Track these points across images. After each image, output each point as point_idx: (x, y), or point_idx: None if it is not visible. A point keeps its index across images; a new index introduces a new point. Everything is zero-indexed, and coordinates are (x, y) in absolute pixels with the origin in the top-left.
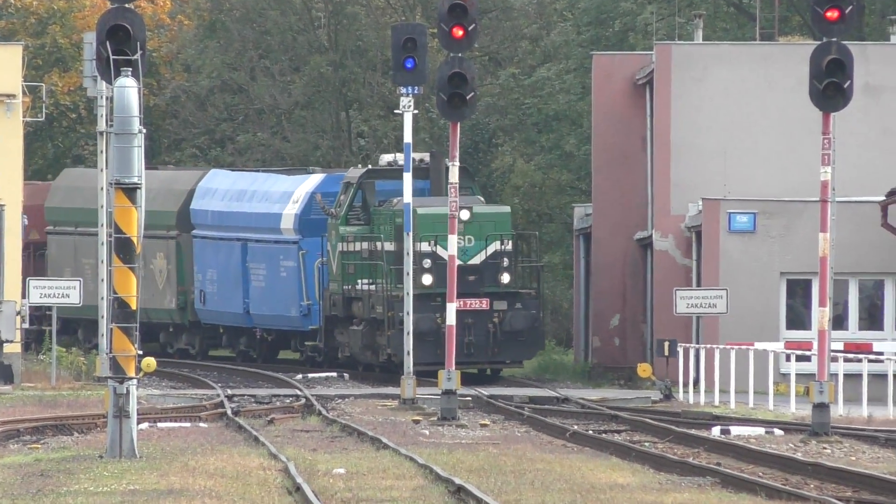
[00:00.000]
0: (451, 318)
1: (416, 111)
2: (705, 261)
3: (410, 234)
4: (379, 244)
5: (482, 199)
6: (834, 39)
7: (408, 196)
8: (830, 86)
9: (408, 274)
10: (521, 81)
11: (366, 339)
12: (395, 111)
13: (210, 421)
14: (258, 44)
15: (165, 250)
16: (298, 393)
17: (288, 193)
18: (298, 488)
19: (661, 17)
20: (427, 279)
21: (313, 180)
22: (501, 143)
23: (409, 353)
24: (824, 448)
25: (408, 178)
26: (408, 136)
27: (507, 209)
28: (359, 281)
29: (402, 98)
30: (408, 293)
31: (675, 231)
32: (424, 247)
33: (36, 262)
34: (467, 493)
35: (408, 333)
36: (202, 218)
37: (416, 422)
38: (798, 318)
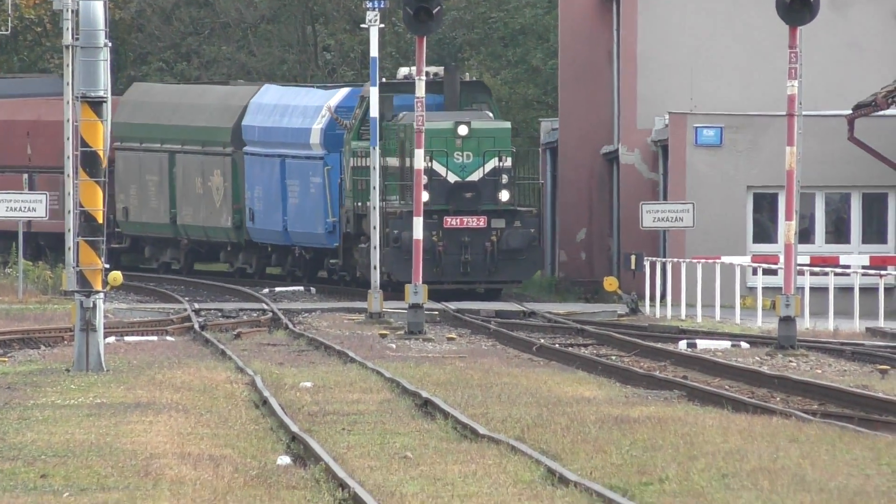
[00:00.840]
0: (417, 232)
1: (382, 25)
2: (671, 175)
3: (376, 148)
4: (386, 159)
5: (490, 114)
6: None
7: (374, 111)
8: None
9: (374, 188)
10: None
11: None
12: (362, 25)
13: (177, 335)
14: None
15: (222, 167)
16: (265, 307)
17: (319, 108)
18: (265, 401)
19: None
20: (423, 196)
21: (340, 94)
22: (468, 57)
23: (375, 268)
24: (790, 361)
25: (374, 91)
26: (374, 51)
27: (507, 125)
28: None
29: (368, 12)
30: (374, 207)
31: (642, 145)
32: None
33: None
34: (434, 406)
35: (375, 247)
36: (251, 134)
37: (384, 336)
38: (764, 232)
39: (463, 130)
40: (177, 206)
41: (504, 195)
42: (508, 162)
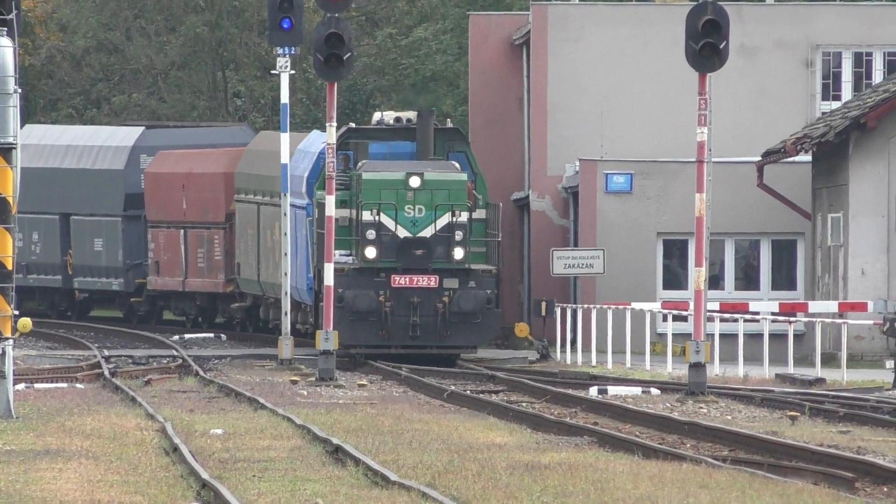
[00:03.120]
0: (328, 279)
1: (293, 72)
2: (582, 221)
3: (287, 194)
4: (353, 211)
5: (456, 165)
6: (710, 0)
7: (284, 157)
8: (706, 46)
9: (285, 234)
10: (398, 42)
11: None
12: (272, 72)
13: (87, 382)
14: (134, 3)
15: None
16: (175, 354)
17: (310, 153)
18: (176, 448)
19: None
20: (370, 252)
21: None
22: (379, 103)
23: (286, 314)
24: (700, 407)
25: (285, 137)
26: (284, 97)
27: (464, 176)
28: (336, 253)
29: (278, 58)
30: (285, 253)
31: (552, 191)
32: (367, 216)
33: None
34: (345, 453)
35: (285, 293)
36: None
37: (294, 382)
38: (675, 279)
39: (415, 182)
40: (260, 263)
41: (458, 253)
42: (463, 217)
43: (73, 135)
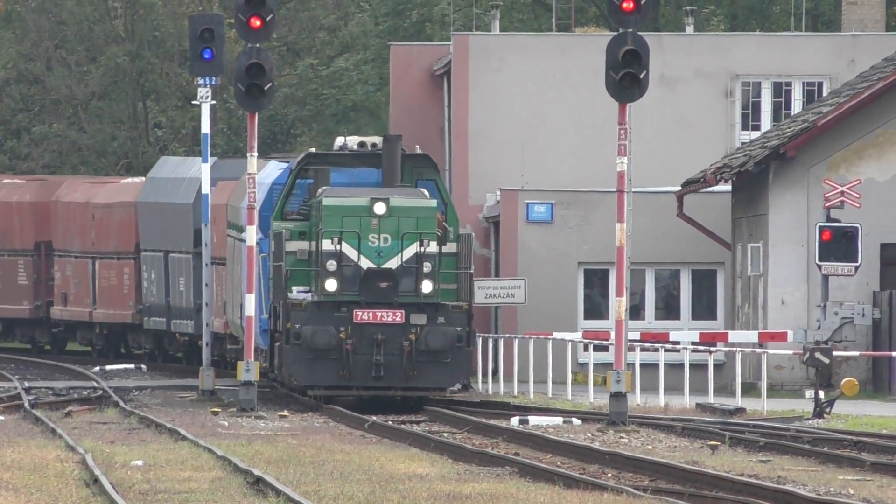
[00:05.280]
0: (249, 310)
1: (213, 102)
2: (503, 251)
3: (208, 225)
4: (313, 243)
5: (425, 192)
6: (630, 30)
7: (206, 187)
8: (626, 76)
9: (207, 264)
10: (319, 72)
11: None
12: (193, 102)
13: (6, 413)
14: (54, 34)
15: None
16: (96, 385)
17: (265, 185)
18: (96, 480)
19: (458, 7)
20: (330, 284)
21: (276, 168)
22: (300, 133)
23: (207, 344)
24: (622, 437)
25: (206, 168)
26: (205, 127)
27: (433, 203)
28: (293, 288)
29: (199, 88)
30: (206, 284)
31: (473, 221)
32: (327, 245)
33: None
34: (266, 485)
35: (206, 325)
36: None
37: (215, 413)
38: (596, 308)
39: (380, 208)
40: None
41: (426, 286)
42: (433, 247)
43: None
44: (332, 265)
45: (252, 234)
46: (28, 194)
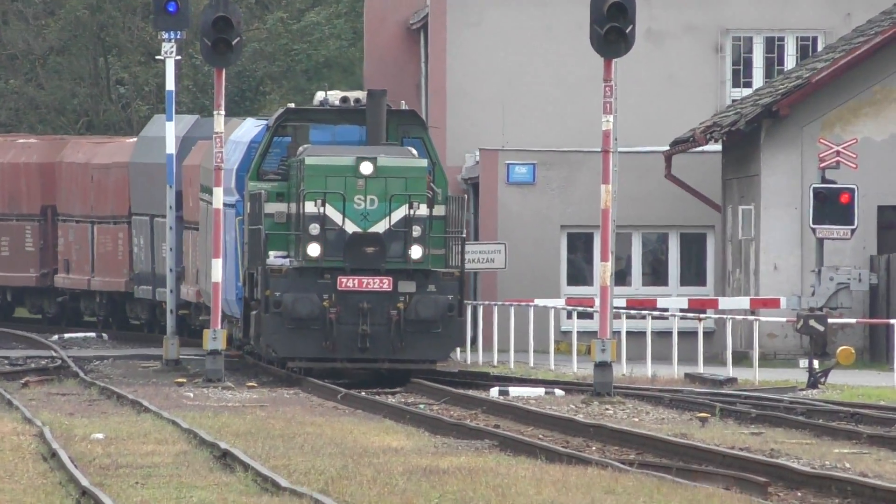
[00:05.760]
0: (216, 275)
1: (178, 57)
2: (483, 214)
3: (172, 187)
4: (293, 205)
5: (413, 151)
6: None
7: (171, 147)
8: (612, 31)
9: (171, 228)
10: (289, 26)
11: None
12: (157, 57)
13: None
14: None
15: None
16: (54, 354)
17: (242, 143)
18: (54, 454)
19: None
20: (313, 249)
21: (254, 125)
22: (269, 91)
23: (172, 312)
24: (606, 409)
25: (170, 126)
26: (170, 84)
27: (423, 163)
28: (270, 253)
29: (164, 43)
30: (171, 248)
31: (452, 183)
32: (310, 207)
33: None
34: (233, 458)
35: (171, 291)
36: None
37: (180, 384)
38: (580, 274)
39: (366, 168)
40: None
41: (416, 251)
42: (423, 209)
43: None
44: (314, 228)
45: (219, 196)
46: (35, 155)
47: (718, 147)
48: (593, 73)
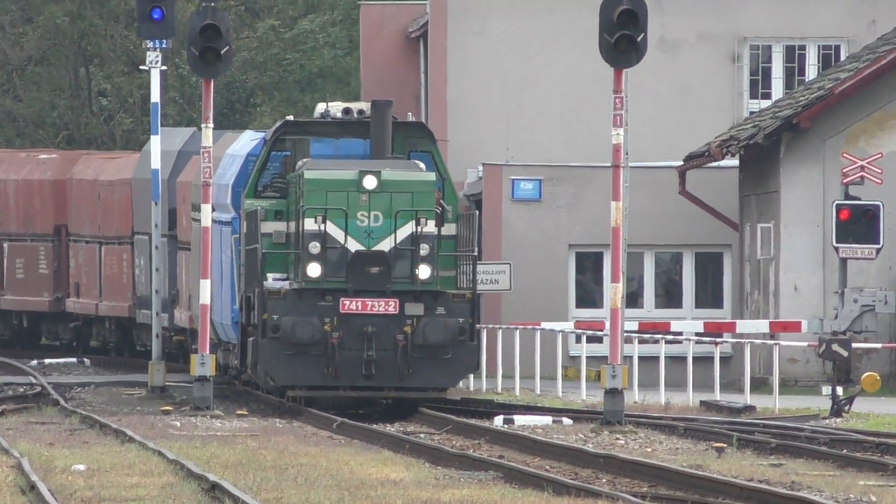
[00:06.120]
0: (204, 297)
1: (164, 67)
2: (486, 232)
3: (158, 204)
4: (292, 223)
5: (420, 165)
6: None
7: (156, 161)
8: (622, 39)
9: (157, 247)
10: (281, 35)
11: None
12: (141, 67)
13: None
14: None
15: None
16: (33, 381)
17: (239, 157)
18: (33, 487)
19: None
20: (314, 269)
21: (250, 139)
22: (260, 102)
23: (157, 336)
24: (617, 439)
25: (155, 140)
26: (155, 96)
27: (431, 176)
28: (268, 275)
29: (148, 53)
30: (157, 269)
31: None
32: (310, 224)
33: None
34: (223, 491)
35: (156, 314)
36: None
37: (167, 412)
38: (589, 296)
39: (370, 182)
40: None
41: (424, 271)
42: (431, 226)
43: None
44: (315, 247)
45: (207, 213)
46: (49, 171)
47: (736, 162)
48: (603, 84)
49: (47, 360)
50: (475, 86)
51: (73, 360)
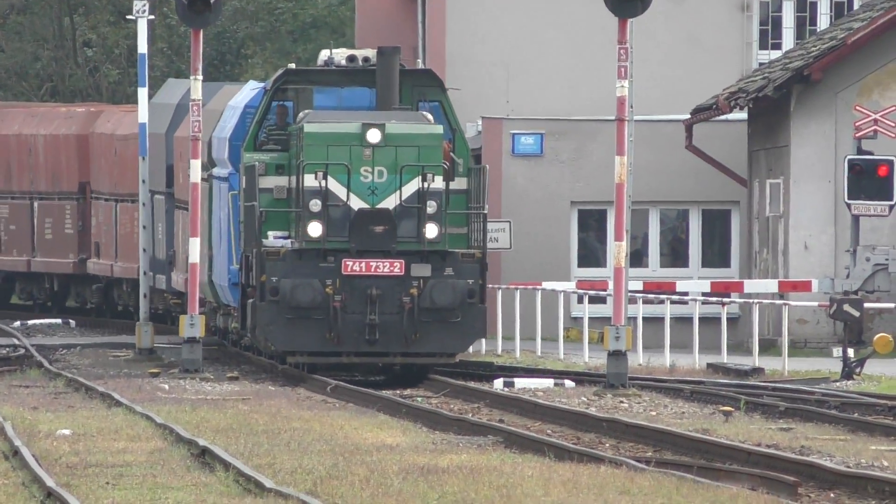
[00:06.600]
0: (193, 255)
1: (152, 17)
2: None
3: (146, 158)
4: (293, 178)
5: (428, 116)
6: None
7: (143, 115)
8: None
9: (143, 203)
10: None
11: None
12: (128, 17)
13: None
14: None
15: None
16: (16, 342)
17: (237, 109)
18: (16, 452)
19: None
20: (314, 229)
21: (249, 90)
22: (252, 54)
23: (145, 296)
24: (621, 402)
25: (143, 92)
26: (143, 47)
27: (439, 129)
28: (269, 233)
29: (135, 2)
30: (144, 227)
31: None
32: (310, 180)
33: None
34: (213, 457)
35: (144, 273)
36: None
37: (155, 375)
38: (591, 255)
39: (373, 136)
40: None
41: (431, 230)
42: (439, 182)
43: None
44: (315, 205)
45: (196, 169)
46: (74, 126)
47: (744, 115)
48: (607, 35)
49: (30, 322)
50: (474, 37)
51: (58, 320)
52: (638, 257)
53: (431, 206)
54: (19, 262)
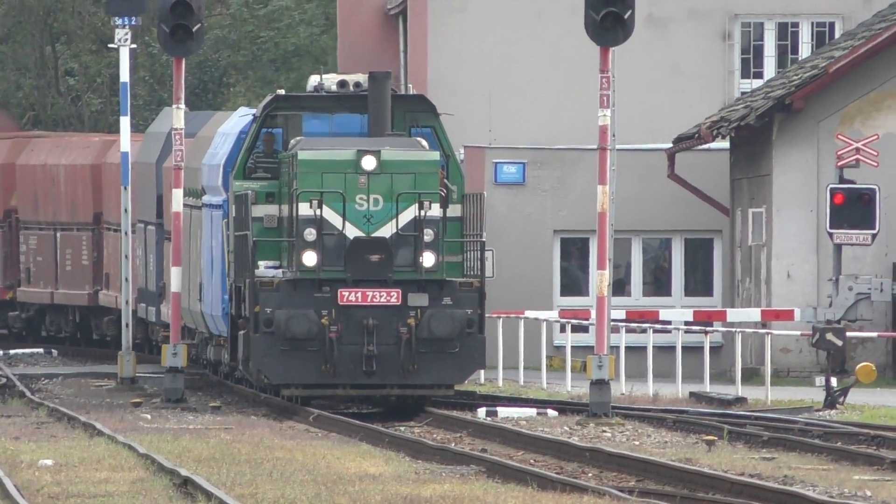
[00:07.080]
0: (175, 285)
1: (134, 46)
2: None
3: (128, 188)
4: (285, 207)
5: (423, 143)
6: None
7: (125, 144)
8: (608, 16)
9: (126, 233)
10: (255, 11)
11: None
12: (110, 45)
13: None
14: None
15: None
16: None
17: (231, 136)
18: None
19: None
20: (309, 258)
21: (241, 117)
22: (234, 82)
23: (127, 326)
24: (604, 431)
25: (125, 121)
26: (125, 76)
27: (435, 155)
28: (260, 263)
29: (117, 30)
30: (126, 256)
31: None
32: (304, 209)
33: None
34: (195, 486)
35: (126, 302)
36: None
37: (137, 404)
38: (574, 283)
39: (369, 163)
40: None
41: (428, 259)
42: (435, 209)
43: None
44: (310, 234)
45: (178, 199)
46: (90, 155)
47: (726, 144)
48: (589, 64)
49: (12, 351)
50: (456, 65)
51: (41, 350)
52: (620, 286)
53: (428, 235)
54: (44, 294)
